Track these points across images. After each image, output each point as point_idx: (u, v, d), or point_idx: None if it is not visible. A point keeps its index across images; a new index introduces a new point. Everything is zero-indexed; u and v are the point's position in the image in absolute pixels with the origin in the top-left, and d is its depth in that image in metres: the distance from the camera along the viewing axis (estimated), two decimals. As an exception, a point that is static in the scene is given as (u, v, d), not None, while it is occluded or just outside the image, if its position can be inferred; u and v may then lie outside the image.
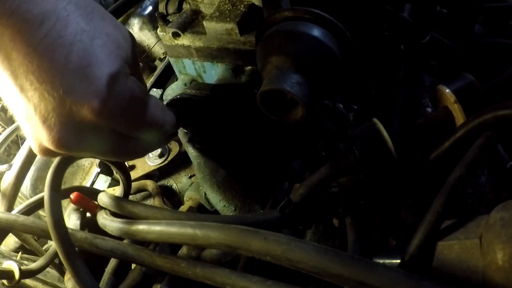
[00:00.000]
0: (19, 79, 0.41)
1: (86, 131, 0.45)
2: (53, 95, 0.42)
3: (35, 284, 0.78)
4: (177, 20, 0.69)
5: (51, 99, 0.42)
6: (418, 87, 0.69)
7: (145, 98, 0.49)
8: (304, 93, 0.47)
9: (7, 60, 0.41)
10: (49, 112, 0.42)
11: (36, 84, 0.41)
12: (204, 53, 0.68)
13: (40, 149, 0.45)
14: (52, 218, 0.49)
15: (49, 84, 0.41)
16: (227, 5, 0.63)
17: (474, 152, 0.42)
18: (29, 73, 0.41)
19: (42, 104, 0.42)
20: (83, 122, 0.44)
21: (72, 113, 0.43)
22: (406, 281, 0.32)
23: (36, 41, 0.40)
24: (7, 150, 1.42)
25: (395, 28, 0.68)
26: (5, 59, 0.41)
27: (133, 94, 0.47)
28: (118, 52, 0.46)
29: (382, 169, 0.47)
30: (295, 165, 0.65)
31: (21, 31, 0.40)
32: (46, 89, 0.41)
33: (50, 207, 0.50)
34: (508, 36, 0.80)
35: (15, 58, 0.41)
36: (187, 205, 0.75)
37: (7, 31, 0.40)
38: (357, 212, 0.53)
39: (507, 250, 0.32)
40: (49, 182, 0.52)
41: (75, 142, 0.44)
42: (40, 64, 0.41)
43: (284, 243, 0.37)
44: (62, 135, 0.43)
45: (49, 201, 0.50)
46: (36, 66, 0.41)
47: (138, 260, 0.50)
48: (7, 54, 0.41)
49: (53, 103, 0.42)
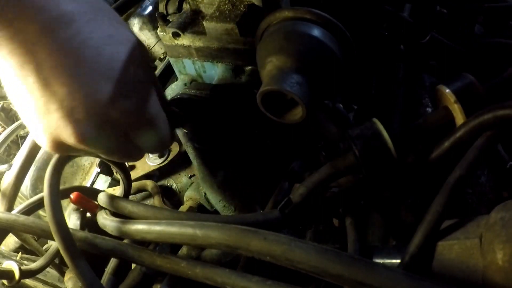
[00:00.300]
0: (44, 73, 0.43)
1: (107, 128, 0.47)
2: (81, 91, 0.44)
3: (35, 284, 0.78)
4: (177, 20, 0.69)
5: (79, 95, 0.44)
6: (418, 87, 0.69)
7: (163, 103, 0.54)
8: (304, 93, 0.47)
9: (31, 54, 0.42)
10: (75, 107, 0.44)
11: (62, 79, 0.43)
12: (204, 53, 0.68)
13: (54, 144, 0.46)
14: (53, 217, 0.49)
15: (77, 81, 0.43)
16: (227, 5, 0.63)
17: (474, 152, 0.42)
18: (56, 69, 0.42)
19: (68, 99, 0.43)
20: (107, 120, 0.46)
21: (97, 111, 0.45)
22: (406, 281, 0.32)
23: (64, 39, 0.42)
24: (7, 150, 1.42)
25: (395, 28, 0.68)
26: (28, 52, 0.42)
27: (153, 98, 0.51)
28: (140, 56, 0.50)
29: (382, 169, 0.47)
30: (295, 165, 0.65)
31: (48, 27, 0.41)
32: (74, 86, 0.43)
33: (50, 206, 0.50)
34: (508, 36, 0.80)
35: (41, 52, 0.42)
36: (187, 205, 0.75)
37: (33, 26, 0.41)
38: (357, 212, 0.53)
39: (507, 250, 0.32)
40: (48, 181, 0.52)
41: (96, 138, 0.46)
42: (69, 62, 0.43)
43: (284, 243, 0.37)
44: (86, 130, 0.45)
45: (49, 200, 0.50)
46: (64, 64, 0.43)
47: (138, 260, 0.50)
48: (32, 49, 0.42)
49: (80, 99, 0.44)
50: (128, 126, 0.49)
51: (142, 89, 0.50)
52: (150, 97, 0.51)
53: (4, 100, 1.54)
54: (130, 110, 0.47)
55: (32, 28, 0.41)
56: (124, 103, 0.47)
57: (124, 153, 0.52)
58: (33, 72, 0.42)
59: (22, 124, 1.06)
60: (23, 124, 1.06)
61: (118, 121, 0.47)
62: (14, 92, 0.46)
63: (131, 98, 0.47)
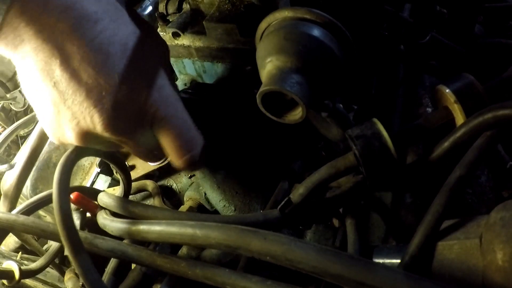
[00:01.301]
0: (72, 65, 0.46)
1: (134, 117, 0.50)
2: (109, 82, 0.47)
3: (35, 284, 0.78)
4: (177, 20, 0.69)
5: (107, 86, 0.47)
6: (418, 87, 0.69)
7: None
8: (304, 93, 0.47)
9: (58, 48, 0.45)
10: (104, 96, 0.47)
11: (91, 71, 0.46)
12: (204, 53, 0.68)
13: (80, 133, 0.49)
14: (60, 215, 0.48)
15: (105, 73, 0.47)
16: (227, 5, 0.63)
17: (474, 152, 0.42)
18: (84, 62, 0.46)
19: (96, 89, 0.47)
20: (133, 109, 0.49)
21: (124, 100, 0.48)
22: (406, 281, 0.32)
23: (92, 35, 0.46)
24: (7, 150, 1.42)
25: (395, 28, 0.68)
26: (55, 47, 0.45)
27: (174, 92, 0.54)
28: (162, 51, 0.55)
29: (382, 169, 0.47)
30: (295, 165, 0.65)
31: (76, 25, 0.45)
32: (102, 77, 0.47)
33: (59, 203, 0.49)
34: (508, 36, 0.80)
35: (69, 48, 0.45)
36: (187, 205, 0.75)
37: (61, 24, 0.44)
38: (357, 212, 0.53)
39: (507, 250, 0.32)
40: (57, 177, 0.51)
41: (123, 126, 0.49)
42: (97, 56, 0.46)
43: (284, 243, 0.37)
44: (114, 117, 0.48)
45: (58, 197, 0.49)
46: (92, 57, 0.46)
47: (138, 260, 0.50)
48: (59, 45, 0.45)
49: (108, 89, 0.47)
50: (152, 116, 0.51)
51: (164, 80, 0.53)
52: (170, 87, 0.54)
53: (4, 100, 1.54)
54: (154, 100, 0.51)
55: (60, 26, 0.44)
56: (148, 93, 0.50)
57: (150, 145, 0.55)
58: (61, 65, 0.46)
59: (22, 124, 1.06)
60: (23, 124, 1.06)
61: (143, 108, 0.50)
62: (34, 87, 0.49)
63: (156, 88, 0.51)
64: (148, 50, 0.51)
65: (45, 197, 0.64)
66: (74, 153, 0.54)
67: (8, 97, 1.52)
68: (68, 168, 0.52)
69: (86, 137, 0.50)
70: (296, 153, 0.67)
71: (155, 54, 0.53)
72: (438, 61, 0.74)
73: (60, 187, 0.49)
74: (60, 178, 0.50)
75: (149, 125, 0.52)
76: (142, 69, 0.50)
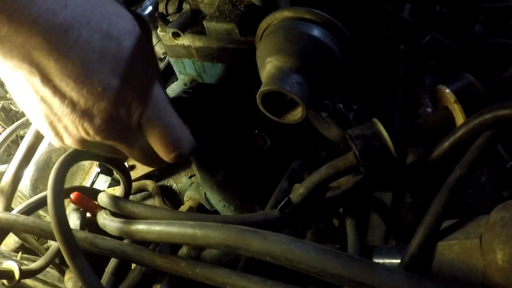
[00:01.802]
0: (53, 81, 0.45)
1: (123, 121, 0.50)
2: (92, 92, 0.47)
3: (35, 284, 0.78)
4: (177, 20, 0.69)
5: (91, 96, 0.47)
6: (418, 87, 0.69)
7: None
8: (304, 93, 0.47)
9: (35, 66, 0.44)
10: (90, 106, 0.47)
11: (72, 84, 0.46)
12: (204, 53, 0.68)
13: (76, 141, 0.51)
14: (55, 217, 0.48)
15: (87, 84, 0.46)
16: (227, 5, 0.63)
17: (474, 152, 0.42)
18: (64, 76, 0.45)
19: (81, 101, 0.47)
20: (121, 113, 0.49)
21: (110, 106, 0.48)
22: (406, 281, 0.32)
23: (66, 48, 0.44)
24: (7, 150, 1.42)
25: (395, 28, 0.68)
26: (32, 64, 0.44)
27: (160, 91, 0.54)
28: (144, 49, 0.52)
29: (382, 169, 0.47)
30: (295, 165, 0.65)
31: (47, 39, 0.43)
32: (85, 88, 0.46)
33: (53, 206, 0.49)
34: (508, 36, 0.80)
35: (45, 63, 0.44)
36: (187, 205, 0.75)
37: (31, 39, 0.42)
38: (357, 212, 0.53)
39: (507, 250, 0.32)
40: (53, 178, 0.52)
41: (115, 132, 0.50)
42: (75, 68, 0.45)
43: (284, 243, 0.37)
44: (104, 123, 0.49)
45: (52, 201, 0.50)
46: (71, 70, 0.45)
47: (138, 260, 0.50)
48: (35, 61, 0.44)
49: (92, 99, 0.47)
50: (138, 118, 0.52)
51: (149, 81, 0.53)
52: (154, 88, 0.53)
53: (4, 100, 1.54)
54: (140, 102, 0.51)
55: (31, 41, 0.43)
56: (133, 96, 0.50)
57: (143, 148, 0.55)
58: (42, 81, 0.45)
59: (22, 124, 1.06)
60: (23, 124, 1.06)
61: (129, 113, 0.50)
62: (23, 100, 0.49)
63: (140, 90, 0.51)
64: (127, 48, 0.50)
65: (45, 197, 0.64)
66: (70, 157, 0.55)
67: (8, 97, 1.52)
68: (63, 171, 0.53)
69: (83, 142, 0.51)
70: (296, 153, 0.67)
71: (135, 50, 0.51)
72: (438, 61, 0.74)
73: (54, 191, 0.50)
74: (55, 181, 0.51)
75: (138, 127, 0.53)
76: (122, 72, 0.49)
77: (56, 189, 0.50)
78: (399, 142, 0.48)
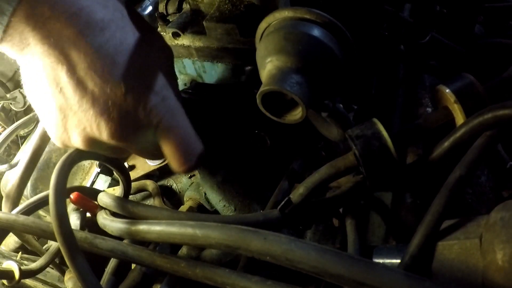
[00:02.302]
0: (78, 73, 0.46)
1: (139, 125, 0.50)
2: (116, 92, 0.47)
3: (35, 284, 0.78)
4: (177, 20, 0.69)
5: (113, 95, 0.47)
6: (418, 87, 0.69)
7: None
8: (304, 93, 0.47)
9: (64, 56, 0.45)
10: (110, 105, 0.47)
11: (97, 80, 0.46)
12: (204, 53, 0.68)
13: (85, 139, 0.50)
14: (57, 219, 0.48)
15: (111, 82, 0.46)
16: (227, 5, 0.63)
17: (474, 152, 0.42)
18: (90, 70, 0.46)
19: (102, 98, 0.47)
20: (138, 118, 0.50)
21: (130, 109, 0.48)
22: (406, 281, 0.32)
23: (98, 44, 0.45)
24: (7, 150, 1.41)
25: (395, 28, 0.68)
26: (62, 54, 0.45)
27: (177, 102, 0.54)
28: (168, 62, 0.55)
29: (382, 169, 0.47)
30: (295, 165, 0.65)
31: (83, 32, 0.45)
32: (109, 86, 0.46)
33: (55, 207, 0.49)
34: (508, 36, 0.80)
35: (75, 55, 0.45)
36: (187, 205, 0.75)
37: (68, 30, 0.44)
38: (357, 212, 0.53)
39: (507, 250, 0.32)
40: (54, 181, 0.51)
41: (128, 135, 0.50)
42: (104, 65, 0.46)
43: (284, 243, 0.37)
44: (120, 126, 0.48)
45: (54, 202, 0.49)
46: (99, 66, 0.46)
47: (138, 260, 0.50)
48: (66, 51, 0.45)
49: (114, 99, 0.47)
50: (156, 125, 0.52)
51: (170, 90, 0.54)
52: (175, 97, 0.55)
53: (4, 100, 1.54)
54: (159, 110, 0.51)
55: (67, 32, 0.44)
56: (154, 103, 0.50)
57: (153, 151, 0.56)
58: (67, 72, 0.45)
59: (22, 124, 1.06)
60: (23, 124, 1.06)
61: (147, 118, 0.50)
62: (39, 91, 0.49)
63: (162, 97, 0.51)
64: (154, 59, 0.52)
65: (45, 197, 0.64)
66: (72, 157, 0.54)
67: (8, 97, 1.52)
68: (65, 172, 0.52)
69: (92, 142, 0.51)
70: (296, 153, 0.67)
71: (161, 63, 0.53)
72: (438, 61, 0.74)
73: (56, 191, 0.50)
74: (57, 181, 0.51)
75: (152, 133, 0.53)
76: (147, 78, 0.50)
77: (58, 190, 0.50)
78: (399, 142, 0.48)
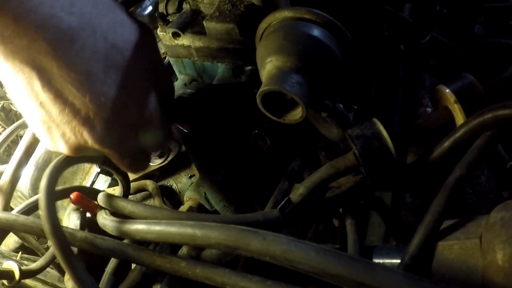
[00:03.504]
0: (55, 86, 0.45)
1: (121, 129, 0.51)
2: (95, 102, 0.47)
3: (35, 284, 0.78)
4: (177, 20, 0.69)
5: (93, 105, 0.47)
6: (418, 87, 0.69)
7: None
8: (304, 93, 0.47)
9: (38, 70, 0.44)
10: (91, 115, 0.47)
11: (75, 92, 0.45)
12: (204, 53, 0.68)
13: (72, 147, 0.50)
14: (48, 221, 0.48)
15: (89, 93, 0.46)
16: (227, 5, 0.63)
17: (474, 152, 0.42)
18: (67, 83, 0.45)
19: (83, 110, 0.47)
20: (120, 121, 0.50)
21: (111, 114, 0.48)
22: (406, 282, 0.32)
23: (70, 56, 0.44)
24: (7, 150, 1.42)
25: (395, 28, 0.68)
26: (34, 68, 0.44)
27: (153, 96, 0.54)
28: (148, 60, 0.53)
29: (382, 169, 0.47)
30: (295, 165, 0.65)
31: (52, 45, 0.43)
32: (87, 97, 0.46)
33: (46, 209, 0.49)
34: (508, 36, 0.80)
35: (49, 68, 0.44)
36: (187, 205, 0.75)
37: (36, 43, 0.42)
38: (357, 212, 0.53)
39: (507, 250, 0.32)
40: (45, 183, 0.51)
41: (113, 141, 0.50)
42: (79, 76, 0.45)
43: (283, 243, 0.37)
44: (104, 133, 0.49)
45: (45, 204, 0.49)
46: (75, 78, 0.45)
47: (138, 260, 0.50)
48: (38, 65, 0.44)
49: (95, 109, 0.47)
50: (138, 125, 0.53)
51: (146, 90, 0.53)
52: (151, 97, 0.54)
53: (4, 100, 1.54)
54: (139, 111, 0.51)
55: (36, 45, 0.42)
56: (136, 106, 0.50)
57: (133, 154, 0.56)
58: (43, 86, 0.45)
59: (22, 124, 1.06)
60: (23, 124, 1.06)
61: (130, 121, 0.51)
62: (22, 104, 0.48)
63: (141, 102, 0.51)
64: (132, 59, 0.50)
65: (45, 197, 0.64)
66: (63, 161, 0.54)
67: (8, 97, 1.52)
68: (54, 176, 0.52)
69: (79, 149, 0.51)
70: (296, 153, 0.67)
71: (141, 64, 0.51)
72: (438, 61, 0.74)
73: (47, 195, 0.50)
74: (47, 186, 0.51)
75: (135, 137, 0.53)
76: (127, 82, 0.49)
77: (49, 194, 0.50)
78: (399, 142, 0.48)
